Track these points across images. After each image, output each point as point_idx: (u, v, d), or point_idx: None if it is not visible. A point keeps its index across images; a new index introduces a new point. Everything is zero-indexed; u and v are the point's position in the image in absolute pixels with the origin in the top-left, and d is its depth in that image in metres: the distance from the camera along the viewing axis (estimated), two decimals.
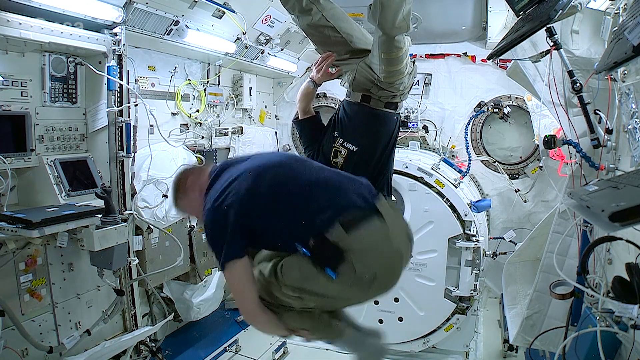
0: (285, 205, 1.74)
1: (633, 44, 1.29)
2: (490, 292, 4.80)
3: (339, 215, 1.68)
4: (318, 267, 1.65)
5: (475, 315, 4.02)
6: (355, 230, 1.67)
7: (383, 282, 1.78)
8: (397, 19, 1.87)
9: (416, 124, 4.78)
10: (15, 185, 2.61)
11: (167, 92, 3.76)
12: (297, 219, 1.72)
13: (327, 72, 2.39)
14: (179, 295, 3.83)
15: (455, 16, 4.27)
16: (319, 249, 1.66)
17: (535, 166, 4.47)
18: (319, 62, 2.40)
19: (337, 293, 1.73)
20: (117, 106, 2.90)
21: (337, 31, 2.30)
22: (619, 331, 1.78)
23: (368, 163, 2.36)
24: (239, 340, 4.03)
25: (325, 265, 1.64)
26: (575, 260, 2.49)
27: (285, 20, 4.08)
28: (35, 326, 2.61)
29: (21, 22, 2.32)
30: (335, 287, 1.68)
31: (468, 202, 3.78)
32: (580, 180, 2.36)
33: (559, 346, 2.19)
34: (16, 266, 2.48)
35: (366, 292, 1.78)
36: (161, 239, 3.43)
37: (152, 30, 3.15)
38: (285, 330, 1.83)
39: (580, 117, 2.27)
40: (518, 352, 3.75)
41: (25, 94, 2.61)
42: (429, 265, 3.83)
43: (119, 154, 2.95)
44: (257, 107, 5.02)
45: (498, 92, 4.55)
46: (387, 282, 1.81)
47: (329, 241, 1.65)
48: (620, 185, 1.30)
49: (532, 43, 2.52)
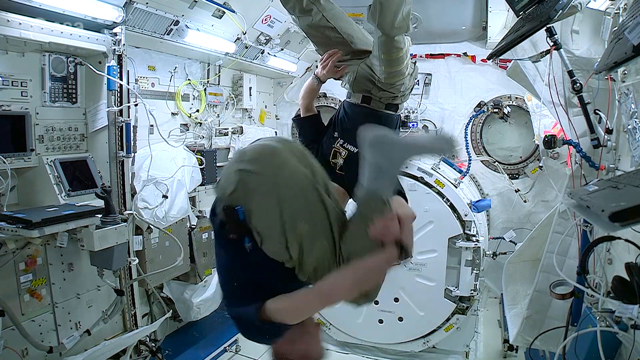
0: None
1: (633, 44, 1.29)
2: (490, 292, 4.80)
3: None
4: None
5: (475, 315, 4.02)
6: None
7: (297, 209, 1.47)
8: (397, 19, 1.87)
9: (416, 123, 4.78)
10: (15, 185, 2.61)
11: (167, 92, 3.76)
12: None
13: (332, 69, 2.36)
14: (179, 295, 3.83)
15: (455, 16, 4.27)
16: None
17: (535, 166, 4.47)
18: (324, 59, 2.38)
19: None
20: (117, 106, 2.90)
21: (338, 32, 2.29)
22: (619, 331, 1.78)
23: None
24: (239, 340, 4.03)
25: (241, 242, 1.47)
26: (575, 260, 2.49)
27: (285, 20, 4.08)
28: (35, 326, 2.60)
29: (21, 22, 2.32)
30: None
31: (468, 202, 3.78)
32: (580, 180, 2.36)
33: (559, 346, 2.19)
34: (16, 266, 2.48)
35: (293, 232, 1.46)
36: (161, 239, 3.42)
37: (152, 30, 3.15)
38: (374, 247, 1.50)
39: (580, 117, 2.27)
40: (518, 352, 3.75)
41: (25, 94, 2.61)
42: (429, 265, 3.84)
43: (119, 154, 2.95)
44: (257, 107, 5.02)
45: (498, 92, 4.55)
46: (307, 211, 1.49)
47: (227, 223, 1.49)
48: (620, 185, 1.30)
49: (532, 43, 2.52)
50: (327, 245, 1.53)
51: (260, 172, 1.44)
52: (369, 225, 1.47)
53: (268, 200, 1.43)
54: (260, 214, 1.45)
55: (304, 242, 1.48)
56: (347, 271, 1.50)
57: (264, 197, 1.43)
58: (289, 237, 1.45)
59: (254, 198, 1.44)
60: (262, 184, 1.44)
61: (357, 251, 1.51)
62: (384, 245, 1.47)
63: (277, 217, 1.43)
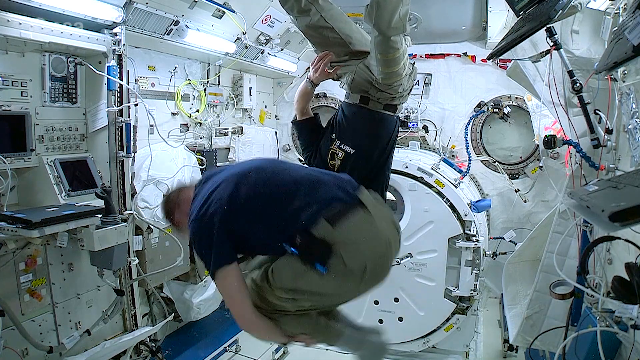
0: (268, 206, 1.74)
1: (633, 44, 1.29)
2: (490, 292, 4.80)
3: (323, 209, 1.68)
4: (308, 264, 1.65)
5: (475, 315, 4.02)
6: (340, 222, 1.67)
7: (374, 273, 1.76)
8: (394, 19, 1.85)
9: (416, 124, 4.78)
10: (15, 185, 2.61)
11: (167, 92, 3.76)
12: (281, 218, 1.72)
13: (324, 72, 2.36)
14: (179, 295, 3.83)
15: (455, 16, 4.27)
16: (307, 246, 1.65)
17: (535, 166, 4.47)
18: (316, 62, 2.37)
19: (329, 289, 1.72)
20: (117, 106, 2.89)
21: (336, 32, 2.27)
22: (619, 331, 1.78)
23: (365, 166, 2.31)
24: (239, 340, 4.03)
25: (315, 261, 1.64)
26: (575, 260, 2.49)
27: (285, 20, 4.08)
28: (35, 326, 2.60)
29: (21, 22, 2.32)
30: (327, 283, 1.67)
31: (468, 202, 3.78)
32: (580, 180, 2.36)
33: (559, 346, 2.19)
34: (16, 266, 2.48)
35: (358, 285, 1.76)
36: (161, 239, 3.43)
37: (152, 30, 3.15)
38: (283, 336, 1.82)
39: (580, 117, 2.27)
40: (518, 352, 3.75)
41: (25, 94, 2.61)
42: (429, 265, 3.83)
43: (119, 154, 2.95)
44: (257, 107, 5.02)
45: (498, 92, 4.56)
46: (379, 273, 1.79)
47: (315, 237, 1.64)
48: (620, 185, 1.30)
49: (532, 43, 2.52)
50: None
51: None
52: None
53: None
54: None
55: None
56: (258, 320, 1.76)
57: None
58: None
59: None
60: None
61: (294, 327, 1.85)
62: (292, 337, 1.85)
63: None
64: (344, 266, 1.65)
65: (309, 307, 1.79)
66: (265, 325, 1.75)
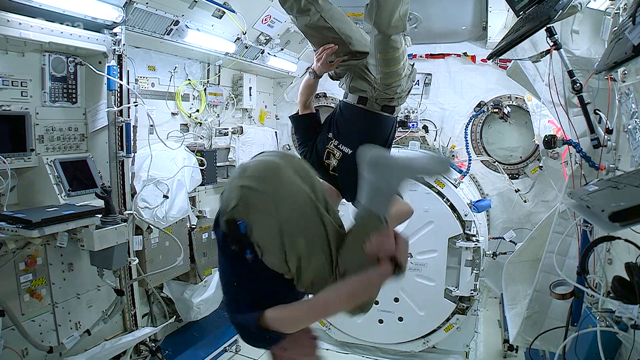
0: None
1: (633, 44, 1.29)
2: (490, 292, 4.80)
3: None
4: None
5: (475, 315, 4.02)
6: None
7: (299, 227, 1.51)
8: (393, 18, 1.85)
9: (416, 124, 4.78)
10: (15, 185, 2.61)
11: (167, 92, 3.76)
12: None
13: (326, 63, 2.32)
14: (179, 295, 3.83)
15: (455, 16, 4.27)
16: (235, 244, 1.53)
17: (535, 166, 4.47)
18: (319, 52, 2.35)
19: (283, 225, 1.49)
20: (117, 106, 2.90)
21: (336, 32, 2.26)
22: (619, 331, 1.78)
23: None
24: (238, 340, 4.03)
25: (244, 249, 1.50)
26: (575, 260, 2.49)
27: (285, 20, 4.08)
28: (35, 326, 2.60)
29: (21, 22, 2.32)
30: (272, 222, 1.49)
31: (468, 202, 3.78)
32: (580, 180, 2.36)
33: (559, 346, 2.19)
34: (16, 266, 2.48)
35: (295, 247, 1.49)
36: (161, 239, 3.43)
37: (152, 30, 3.14)
38: (370, 265, 1.53)
39: (580, 117, 2.27)
40: (518, 352, 3.76)
41: (25, 94, 2.61)
42: (429, 265, 3.84)
43: (119, 154, 2.95)
44: (257, 107, 5.02)
45: (498, 92, 4.55)
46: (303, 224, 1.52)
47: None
48: (620, 185, 1.30)
49: (532, 43, 2.52)
50: (325, 261, 1.56)
51: (261, 190, 1.47)
52: (365, 241, 1.50)
53: (268, 217, 1.47)
54: (260, 229, 1.49)
55: (302, 258, 1.51)
56: (342, 285, 1.54)
57: (265, 213, 1.47)
58: (288, 252, 1.49)
59: (254, 214, 1.48)
60: (263, 201, 1.47)
61: (353, 266, 1.54)
62: (379, 261, 1.51)
63: (276, 233, 1.47)
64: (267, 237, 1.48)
65: (308, 241, 1.55)
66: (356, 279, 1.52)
